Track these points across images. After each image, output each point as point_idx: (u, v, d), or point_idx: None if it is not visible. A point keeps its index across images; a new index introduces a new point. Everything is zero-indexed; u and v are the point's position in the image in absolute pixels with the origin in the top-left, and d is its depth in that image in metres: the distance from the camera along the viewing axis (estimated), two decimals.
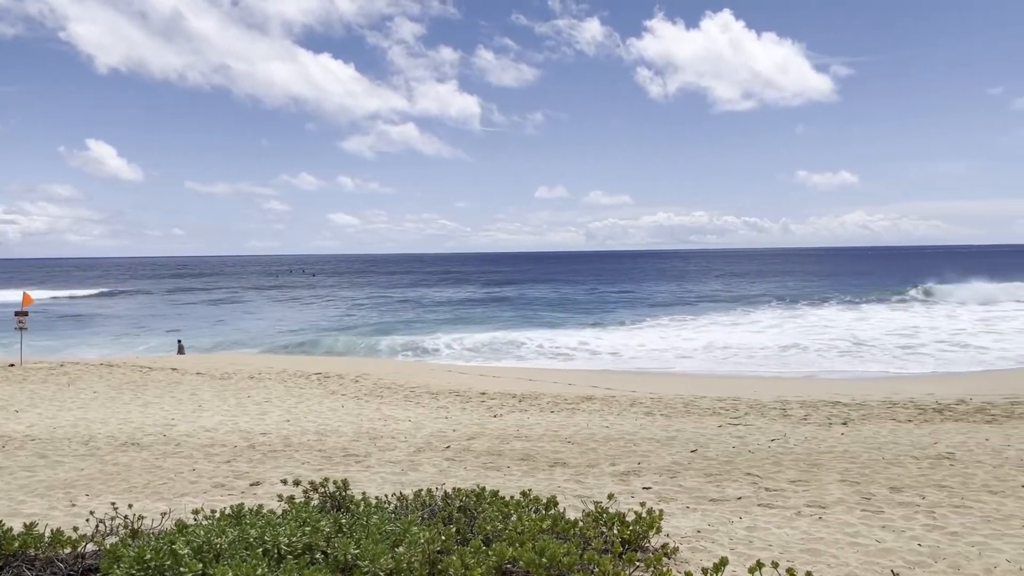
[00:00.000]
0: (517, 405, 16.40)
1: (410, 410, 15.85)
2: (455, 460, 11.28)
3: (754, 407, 15.77)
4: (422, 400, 17.13)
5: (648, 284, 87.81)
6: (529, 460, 11.26)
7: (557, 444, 12.39)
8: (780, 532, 7.78)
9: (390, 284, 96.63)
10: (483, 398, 17.28)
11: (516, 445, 12.31)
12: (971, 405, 15.76)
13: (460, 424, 14.23)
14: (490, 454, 11.67)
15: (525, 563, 4.69)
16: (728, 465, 10.83)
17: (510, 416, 15.08)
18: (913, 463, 10.85)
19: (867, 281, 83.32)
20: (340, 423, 14.37)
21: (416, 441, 12.66)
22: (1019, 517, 8.24)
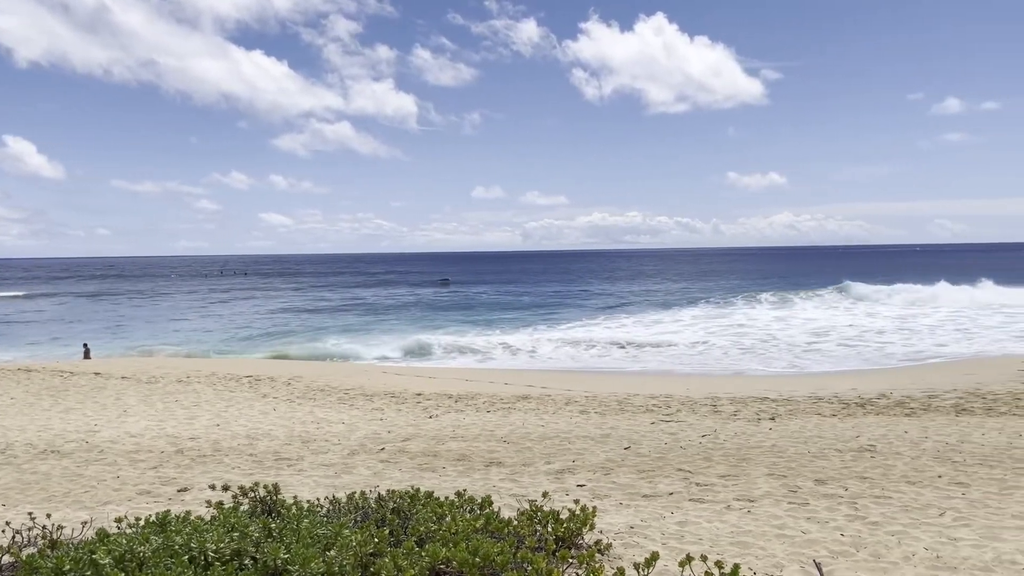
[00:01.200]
0: (453, 406, 16.36)
1: (344, 412, 15.66)
2: (390, 462, 11.19)
3: (686, 404, 16.06)
4: (356, 402, 16.95)
5: (584, 284, 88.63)
6: (465, 460, 11.24)
7: (493, 444, 12.41)
8: (710, 526, 7.94)
9: (325, 285, 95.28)
10: (419, 399, 17.19)
11: (452, 446, 12.28)
12: (891, 399, 16.36)
13: (395, 426, 14.12)
14: (425, 455, 11.62)
15: (458, 563, 4.68)
16: (660, 461, 11.00)
17: (446, 417, 15.03)
18: (837, 456, 11.20)
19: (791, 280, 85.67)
20: (272, 426, 14.10)
21: (350, 443, 12.51)
22: (936, 506, 8.58)
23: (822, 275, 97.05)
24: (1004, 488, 9.31)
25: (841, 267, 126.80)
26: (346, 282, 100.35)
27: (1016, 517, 8.12)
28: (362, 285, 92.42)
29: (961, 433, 12.77)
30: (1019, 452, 11.27)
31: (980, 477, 9.85)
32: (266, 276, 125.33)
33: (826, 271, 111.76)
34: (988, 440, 12.19)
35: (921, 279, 72.34)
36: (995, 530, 7.69)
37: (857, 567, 6.70)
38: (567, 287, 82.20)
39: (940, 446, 11.77)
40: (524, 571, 4.89)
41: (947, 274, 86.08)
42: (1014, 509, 8.41)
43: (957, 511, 8.36)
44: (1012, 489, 9.26)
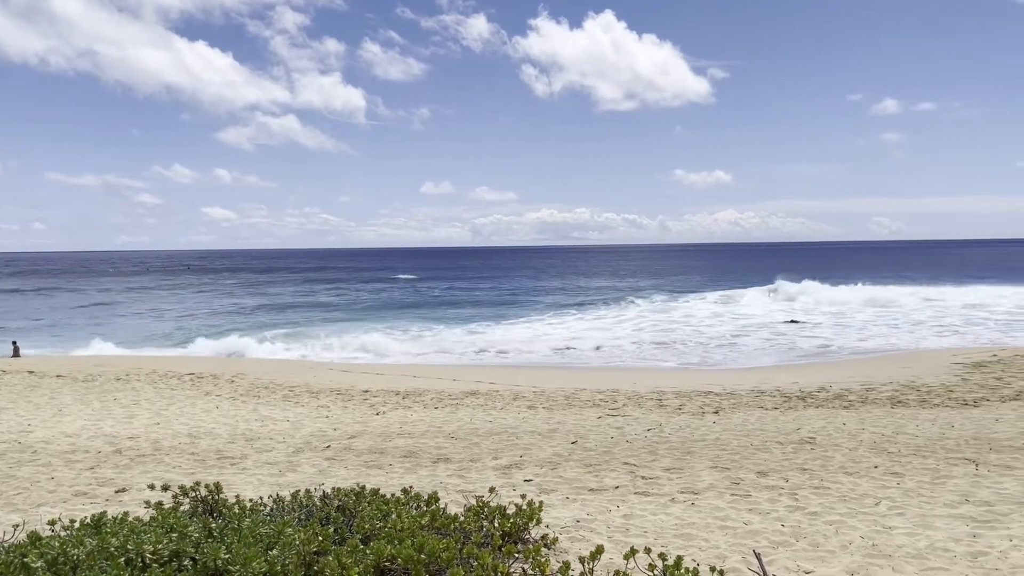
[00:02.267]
0: (400, 402, 16.26)
1: (289, 410, 15.45)
2: (336, 459, 11.07)
3: (632, 398, 16.23)
4: (302, 399, 16.73)
5: (532, 280, 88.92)
6: (412, 457, 11.18)
7: (440, 440, 12.37)
8: (655, 519, 8.04)
9: (271, 280, 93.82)
10: (365, 396, 17.05)
11: (399, 442, 12.20)
12: (831, 392, 16.77)
13: (341, 423, 13.98)
14: (372, 452, 11.53)
15: (403, 560, 4.65)
16: (607, 455, 11.10)
17: (393, 413, 14.94)
18: (778, 448, 11.44)
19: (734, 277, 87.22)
20: (214, 425, 13.84)
21: (295, 441, 12.35)
22: (872, 496, 8.83)
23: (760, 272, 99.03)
24: (936, 477, 9.62)
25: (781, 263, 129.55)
26: (293, 278, 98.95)
27: (948, 506, 8.40)
28: (309, 281, 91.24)
29: (896, 425, 13.16)
30: (951, 442, 11.66)
31: (914, 467, 10.17)
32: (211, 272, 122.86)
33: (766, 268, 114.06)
34: (922, 431, 12.58)
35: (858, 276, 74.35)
36: (928, 518, 7.94)
37: (796, 556, 6.85)
38: (517, 283, 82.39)
39: (876, 437, 12.11)
40: (470, 567, 4.88)
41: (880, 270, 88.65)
42: (946, 498, 8.70)
43: (892, 500, 8.61)
44: (944, 478, 9.57)
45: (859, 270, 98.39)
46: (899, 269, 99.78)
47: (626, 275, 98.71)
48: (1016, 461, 10.44)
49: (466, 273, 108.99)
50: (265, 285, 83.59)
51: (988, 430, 12.60)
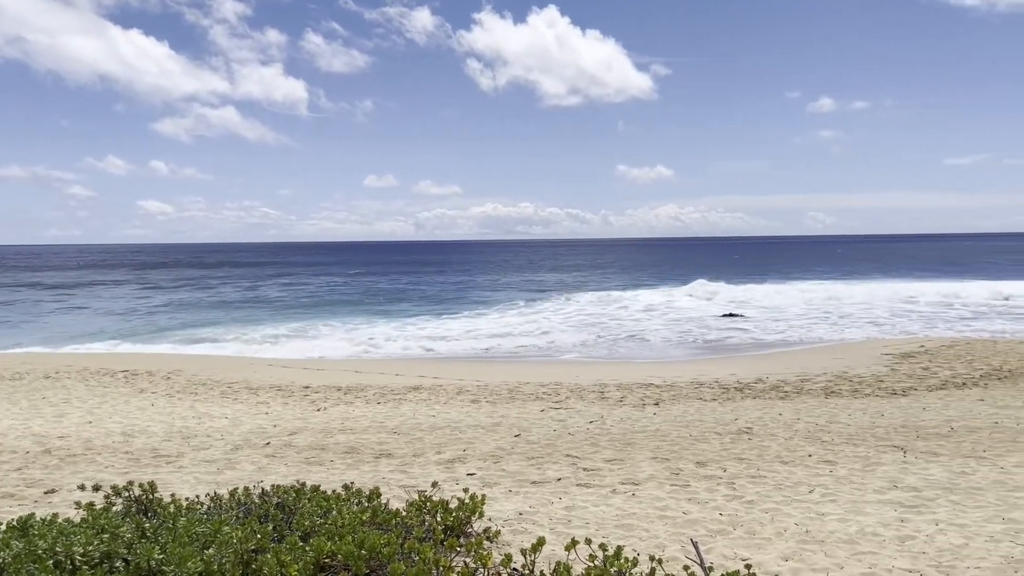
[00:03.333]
0: (342, 398, 16.09)
1: (227, 407, 15.15)
2: (275, 456, 10.91)
3: (575, 391, 16.36)
4: (240, 396, 16.42)
5: (477, 274, 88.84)
6: (354, 453, 11.08)
7: (383, 435, 12.28)
8: (596, 510, 8.12)
9: (210, 275, 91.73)
10: (306, 392, 16.82)
11: (340, 438, 12.08)
12: (767, 383, 17.16)
13: (281, 419, 13.77)
14: (313, 448, 11.38)
15: (344, 556, 4.61)
16: (549, 448, 11.17)
17: (335, 409, 14.77)
18: (717, 439, 11.67)
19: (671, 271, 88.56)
20: (150, 423, 13.49)
21: (234, 439, 12.12)
22: (806, 484, 9.07)
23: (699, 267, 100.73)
24: (867, 465, 9.93)
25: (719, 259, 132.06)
26: (232, 273, 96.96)
27: (877, 492, 8.68)
28: (250, 276, 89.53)
29: (830, 414, 13.54)
30: (881, 431, 12.05)
31: (846, 455, 10.48)
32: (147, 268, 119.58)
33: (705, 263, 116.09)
34: (854, 420, 12.97)
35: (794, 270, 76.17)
36: (859, 504, 8.19)
37: (734, 544, 7.00)
38: (462, 278, 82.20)
39: (811, 427, 12.44)
40: (411, 562, 4.86)
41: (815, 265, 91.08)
42: (876, 484, 8.99)
43: (825, 488, 8.86)
44: (874, 465, 9.88)
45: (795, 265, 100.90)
46: (835, 264, 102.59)
47: (570, 269, 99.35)
48: (941, 448, 10.84)
49: (410, 267, 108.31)
50: (204, 280, 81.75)
51: (916, 418, 13.05)
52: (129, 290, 66.43)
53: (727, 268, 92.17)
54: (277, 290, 64.11)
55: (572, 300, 49.35)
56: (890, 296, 44.54)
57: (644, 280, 70.60)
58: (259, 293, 60.52)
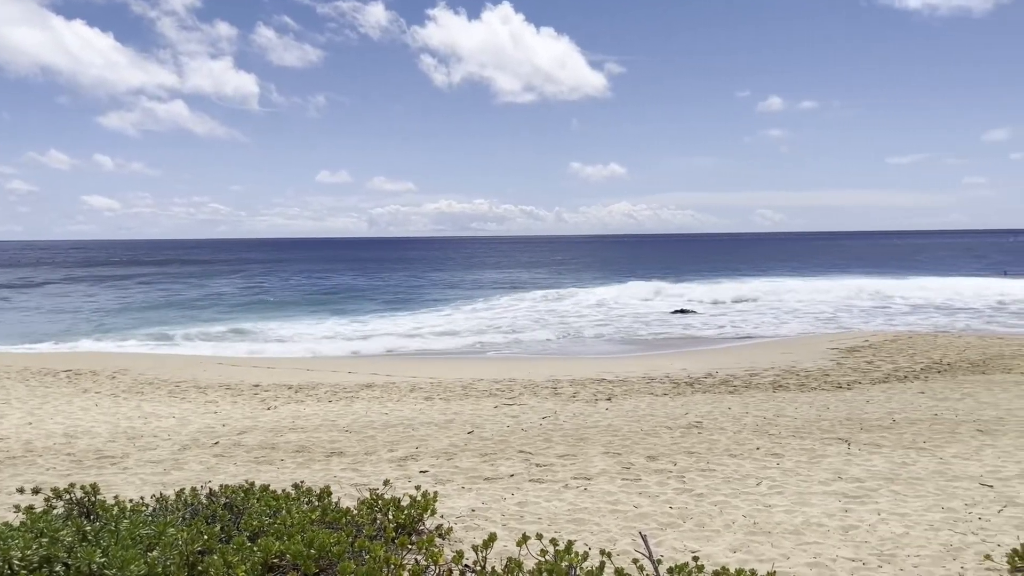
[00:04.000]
0: (293, 396, 15.90)
1: (175, 406, 14.85)
2: (224, 456, 10.73)
3: (528, 387, 16.40)
4: (188, 395, 16.11)
5: (431, 271, 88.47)
6: (305, 452, 10.96)
7: (335, 434, 12.17)
8: (549, 505, 8.16)
9: (158, 272, 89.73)
10: (256, 390, 16.58)
11: (291, 437, 11.93)
12: (717, 378, 17.42)
13: (231, 418, 13.56)
14: (263, 448, 11.23)
15: (292, 556, 4.56)
16: (502, 444, 11.19)
17: (285, 408, 14.59)
18: (667, 433, 11.81)
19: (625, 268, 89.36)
20: (94, 423, 13.16)
21: (181, 438, 11.89)
22: (754, 477, 9.23)
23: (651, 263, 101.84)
24: (813, 457, 10.15)
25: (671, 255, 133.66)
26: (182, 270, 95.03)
27: (823, 483, 8.88)
28: (199, 273, 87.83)
29: (777, 408, 13.80)
30: (826, 423, 12.33)
31: (793, 448, 10.69)
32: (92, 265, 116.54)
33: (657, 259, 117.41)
34: (800, 413, 13.24)
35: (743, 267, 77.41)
36: (805, 496, 8.37)
37: (683, 537, 7.10)
38: (416, 274, 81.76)
39: (759, 420, 12.67)
40: (362, 560, 4.83)
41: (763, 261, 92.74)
42: (821, 476, 9.19)
43: (772, 480, 9.04)
44: (820, 458, 10.11)
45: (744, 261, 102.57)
46: (783, 260, 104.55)
47: (524, 266, 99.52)
48: (884, 439, 11.13)
49: (363, 264, 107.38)
50: (152, 277, 79.98)
51: (860, 411, 13.38)
52: (73, 288, 64.68)
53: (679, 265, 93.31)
54: (228, 287, 63.04)
55: (526, 297, 49.45)
56: (836, 292, 45.53)
57: (598, 277, 71.07)
58: (209, 291, 59.43)
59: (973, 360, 19.54)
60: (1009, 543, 6.61)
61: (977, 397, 14.54)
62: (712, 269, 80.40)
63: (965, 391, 15.23)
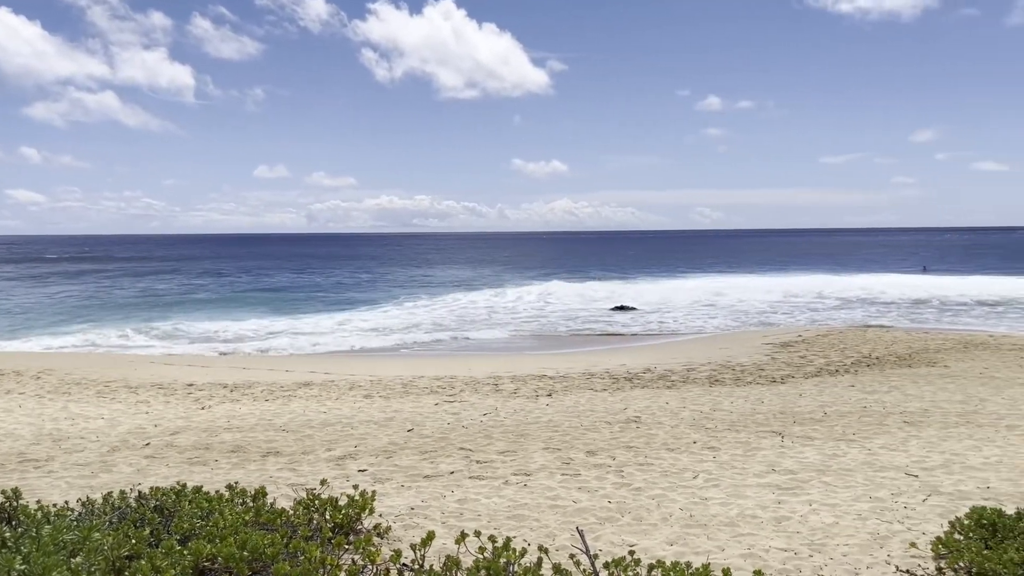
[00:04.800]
0: (228, 395, 15.56)
1: (104, 407, 14.39)
2: (156, 457, 10.44)
3: (469, 384, 16.37)
4: (119, 395, 15.63)
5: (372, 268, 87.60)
6: (240, 452, 10.74)
7: (271, 433, 11.95)
8: (489, 502, 8.15)
9: (87, 269, 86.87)
10: (190, 390, 16.18)
11: (226, 437, 11.68)
12: (655, 373, 17.66)
13: (163, 418, 13.20)
14: (196, 448, 10.96)
15: (224, 559, 4.45)
16: (443, 441, 11.14)
17: (220, 407, 14.27)
18: (607, 428, 11.92)
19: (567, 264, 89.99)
20: (16, 425, 12.67)
21: (110, 440, 11.53)
22: (691, 470, 9.37)
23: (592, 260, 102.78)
24: (748, 450, 10.35)
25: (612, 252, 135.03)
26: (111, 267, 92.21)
27: (757, 476, 9.06)
28: (131, 270, 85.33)
29: (714, 402, 14.05)
30: (761, 417, 12.60)
31: (728, 441, 10.89)
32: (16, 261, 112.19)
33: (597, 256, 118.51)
34: (736, 407, 13.50)
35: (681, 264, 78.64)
36: (740, 488, 8.53)
37: (621, 531, 7.17)
38: (356, 271, 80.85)
39: (696, 415, 12.88)
40: (297, 562, 4.74)
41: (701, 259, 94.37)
42: (755, 468, 9.38)
43: (708, 473, 9.19)
44: (754, 450, 10.32)
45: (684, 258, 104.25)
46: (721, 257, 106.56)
47: (465, 263, 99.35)
48: (816, 432, 11.43)
49: (302, 261, 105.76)
50: (81, 274, 77.40)
51: (793, 404, 13.71)
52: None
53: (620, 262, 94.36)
54: (162, 284, 61.40)
55: (469, 294, 49.37)
56: (772, 288, 46.61)
57: (541, 274, 71.34)
58: (142, 287, 57.79)
59: (900, 354, 20.21)
60: (933, 531, 6.84)
61: (903, 390, 15.05)
62: (652, 266, 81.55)
63: (892, 384, 15.74)
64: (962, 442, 10.71)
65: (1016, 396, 14.31)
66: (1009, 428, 11.60)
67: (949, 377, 16.58)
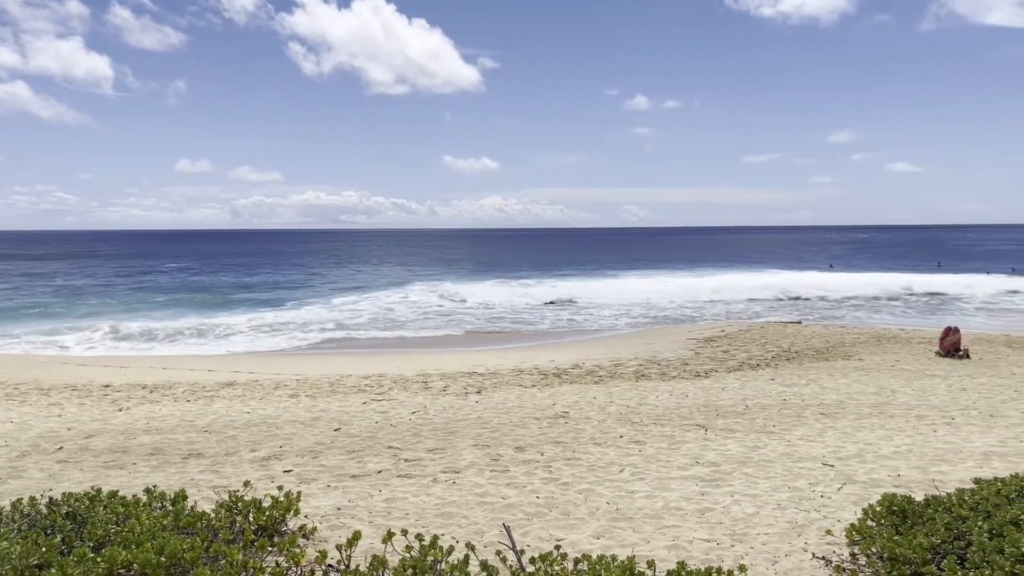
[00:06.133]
0: (148, 396, 15.07)
1: (13, 410, 13.76)
2: (69, 462, 10.04)
3: (398, 382, 16.24)
4: (29, 397, 14.97)
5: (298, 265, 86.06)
6: (159, 454, 10.41)
7: (192, 435, 11.63)
8: (417, 500, 8.11)
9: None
10: (107, 391, 15.61)
11: (145, 439, 11.31)
12: (584, 369, 17.84)
13: (77, 421, 12.69)
14: (113, 452, 10.58)
15: (140, 565, 4.30)
16: (371, 440, 11.03)
17: (139, 409, 13.81)
18: (535, 424, 11.99)
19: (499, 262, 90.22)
20: None
21: (20, 445, 11.03)
22: (618, 464, 9.50)
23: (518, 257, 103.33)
24: (672, 443, 10.56)
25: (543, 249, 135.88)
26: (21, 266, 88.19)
27: (681, 468, 9.25)
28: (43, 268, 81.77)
29: (640, 397, 14.28)
30: (685, 411, 12.86)
31: (654, 435, 11.09)
32: None
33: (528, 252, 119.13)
34: (661, 401, 13.75)
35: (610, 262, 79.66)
36: (664, 481, 8.70)
37: (549, 526, 7.22)
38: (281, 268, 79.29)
39: (623, 409, 13.06)
40: (218, 566, 4.62)
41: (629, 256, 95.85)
42: (679, 461, 9.57)
43: (634, 467, 9.33)
44: (679, 444, 10.53)
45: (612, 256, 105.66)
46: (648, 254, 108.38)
47: (395, 260, 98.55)
48: (738, 425, 11.73)
49: (225, 258, 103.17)
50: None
51: (716, 398, 14.04)
52: None
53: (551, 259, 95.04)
54: (76, 282, 59.06)
55: (399, 291, 48.99)
56: (696, 285, 47.61)
57: (472, 271, 71.29)
58: (56, 286, 55.48)
59: (818, 348, 20.92)
60: (848, 518, 7.09)
61: (820, 382, 15.58)
62: (583, 264, 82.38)
63: (810, 377, 16.28)
64: (875, 432, 11.14)
65: (924, 387, 14.98)
66: (918, 418, 12.13)
67: (863, 370, 17.24)
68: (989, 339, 22.48)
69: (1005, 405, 13.22)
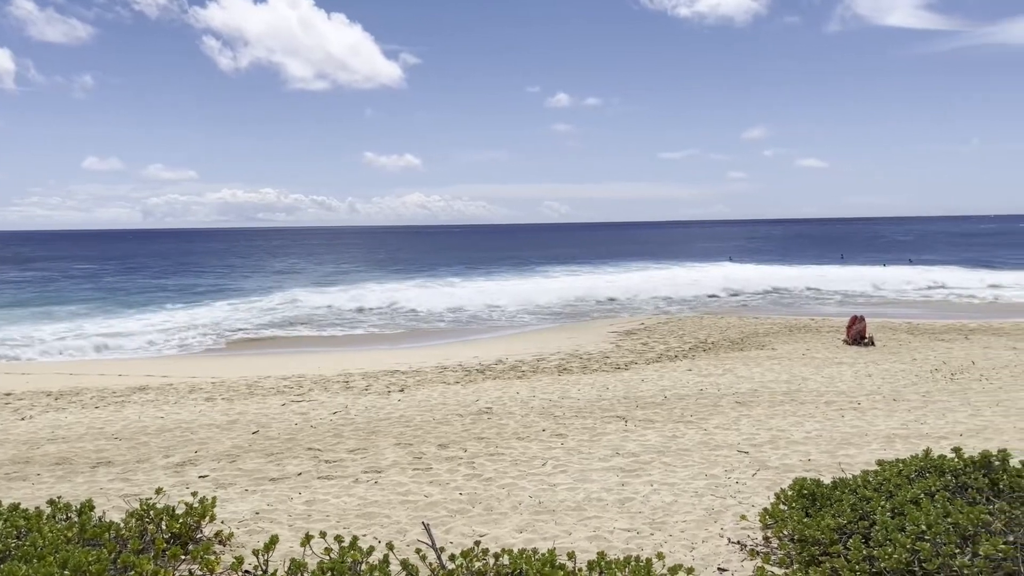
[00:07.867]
0: (52, 404, 14.43)
1: None
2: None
3: (318, 382, 15.98)
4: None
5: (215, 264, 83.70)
6: (66, 464, 9.98)
7: (102, 442, 11.18)
8: (338, 501, 8.00)
9: None
10: (7, 399, 14.87)
11: (49, 449, 10.82)
12: (507, 364, 17.91)
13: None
14: (15, 463, 10.09)
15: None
16: (290, 442, 10.82)
17: (42, 417, 13.20)
18: (459, 420, 11.97)
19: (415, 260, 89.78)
20: None
21: None
22: (540, 458, 9.57)
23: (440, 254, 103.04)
24: (594, 435, 10.70)
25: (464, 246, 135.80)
26: None
27: (602, 460, 9.38)
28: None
29: (562, 390, 14.42)
30: (606, 403, 13.05)
31: (576, 428, 11.21)
32: None
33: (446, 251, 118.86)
34: (583, 394, 13.92)
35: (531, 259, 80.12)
36: (586, 472, 8.80)
37: (472, 522, 7.22)
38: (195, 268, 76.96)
39: (545, 403, 13.17)
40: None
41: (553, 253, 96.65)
42: (600, 453, 9.71)
43: (557, 460, 9.42)
44: (600, 435, 10.67)
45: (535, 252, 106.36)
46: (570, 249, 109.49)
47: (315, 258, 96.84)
48: (657, 415, 11.97)
49: (136, 259, 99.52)
50: None
51: (635, 390, 14.29)
52: None
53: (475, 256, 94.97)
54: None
55: (320, 290, 48.18)
56: (615, 280, 48.39)
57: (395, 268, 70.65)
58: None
59: (733, 339, 21.52)
60: (761, 503, 7.32)
61: (735, 372, 16.03)
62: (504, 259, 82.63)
63: (726, 367, 16.73)
64: (787, 419, 11.53)
65: (833, 374, 15.58)
66: (827, 404, 12.61)
67: (776, 359, 17.82)
68: (892, 327, 23.53)
69: (907, 389, 13.87)
